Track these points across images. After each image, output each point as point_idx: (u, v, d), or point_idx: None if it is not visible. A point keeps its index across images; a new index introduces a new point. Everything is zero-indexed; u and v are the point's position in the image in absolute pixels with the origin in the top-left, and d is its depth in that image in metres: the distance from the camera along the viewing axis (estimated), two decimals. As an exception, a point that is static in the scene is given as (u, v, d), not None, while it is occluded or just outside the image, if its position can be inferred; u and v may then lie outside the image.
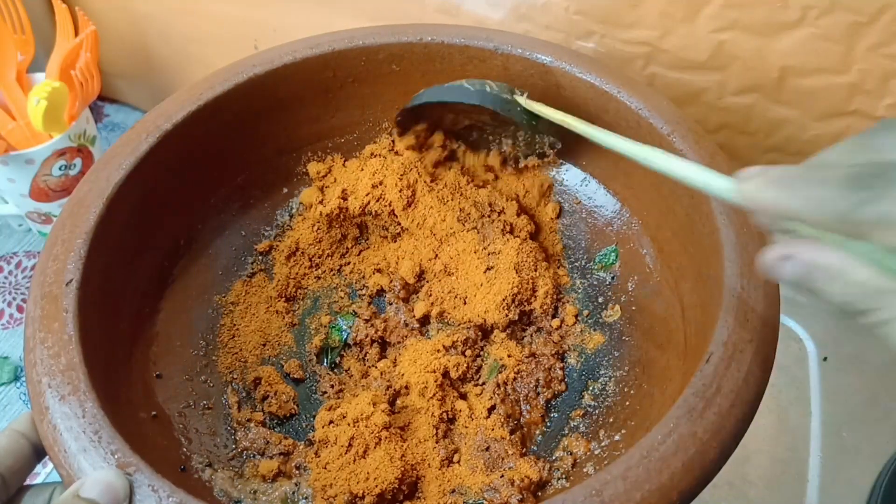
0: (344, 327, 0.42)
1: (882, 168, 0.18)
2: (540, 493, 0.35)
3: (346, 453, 0.35)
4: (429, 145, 0.45)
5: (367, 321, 0.42)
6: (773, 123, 0.44)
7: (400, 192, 0.42)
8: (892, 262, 0.19)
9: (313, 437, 0.37)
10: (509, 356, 0.39)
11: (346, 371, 0.41)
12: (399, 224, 0.43)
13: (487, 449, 0.36)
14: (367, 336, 0.41)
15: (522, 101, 0.39)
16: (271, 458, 0.36)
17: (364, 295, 0.44)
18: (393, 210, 0.43)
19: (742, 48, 0.41)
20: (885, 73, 0.39)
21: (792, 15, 0.39)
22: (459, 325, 0.41)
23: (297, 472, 0.36)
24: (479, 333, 0.41)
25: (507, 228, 0.43)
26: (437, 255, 0.43)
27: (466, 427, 0.38)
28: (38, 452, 0.29)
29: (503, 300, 0.40)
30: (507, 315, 0.40)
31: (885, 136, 0.20)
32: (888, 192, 0.18)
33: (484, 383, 0.39)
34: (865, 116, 0.41)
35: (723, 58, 0.42)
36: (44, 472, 0.46)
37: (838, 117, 0.42)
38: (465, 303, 0.41)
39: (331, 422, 0.36)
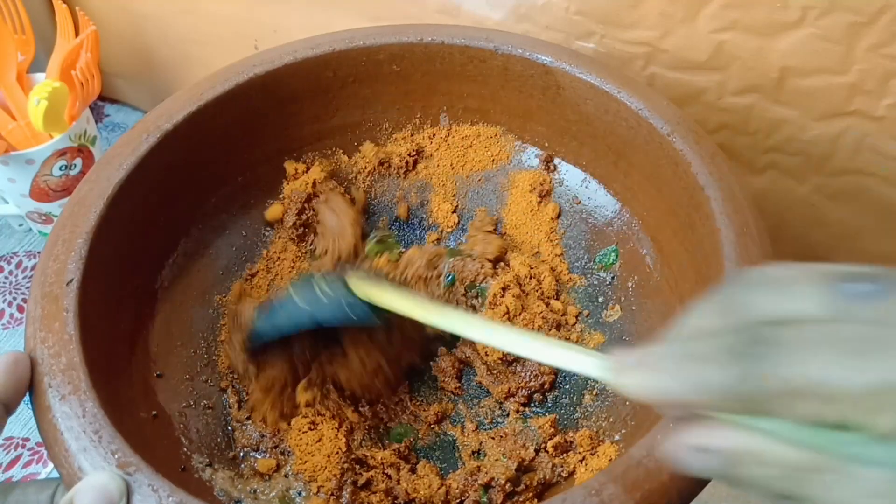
0: None
1: (754, 331, 0.17)
2: (546, 494, 0.35)
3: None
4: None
5: None
6: (773, 123, 0.44)
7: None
8: (803, 434, 0.16)
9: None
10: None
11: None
12: None
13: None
14: None
15: (358, 288, 0.32)
16: (266, 452, 0.36)
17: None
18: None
19: (742, 48, 0.41)
20: (885, 73, 0.39)
21: (792, 15, 0.39)
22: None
23: (282, 457, 0.36)
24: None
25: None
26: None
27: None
28: (8, 410, 0.28)
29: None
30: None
31: (746, 292, 0.18)
32: (772, 360, 0.16)
33: None
34: (865, 116, 0.41)
35: (723, 58, 0.42)
36: (44, 472, 0.46)
37: (838, 117, 0.42)
38: None
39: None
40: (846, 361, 0.15)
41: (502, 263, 0.43)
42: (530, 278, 0.42)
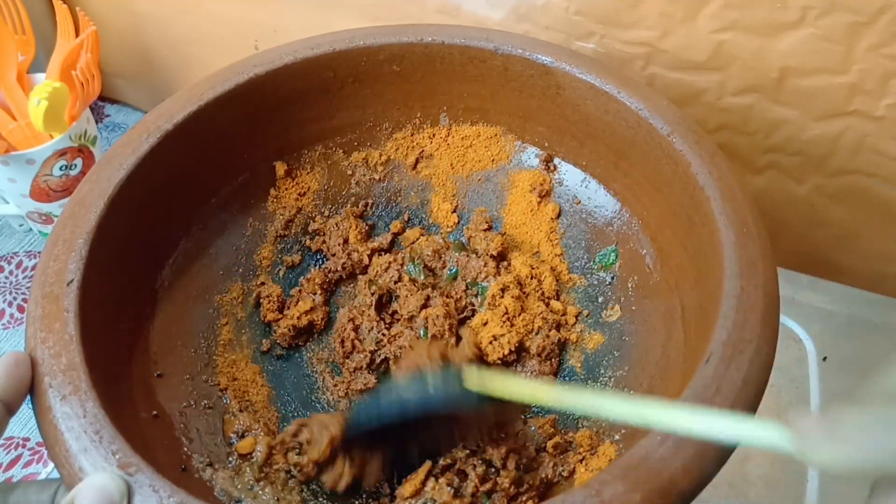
0: None
1: None
2: (548, 493, 0.35)
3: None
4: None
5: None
6: (772, 124, 0.44)
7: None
8: None
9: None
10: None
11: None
12: None
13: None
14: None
15: (472, 382, 0.31)
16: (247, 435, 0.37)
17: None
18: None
19: (742, 48, 0.41)
20: (885, 73, 0.39)
21: (792, 15, 0.39)
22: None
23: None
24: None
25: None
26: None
27: None
28: (10, 411, 0.28)
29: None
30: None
31: None
32: None
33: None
34: (865, 116, 0.41)
35: (723, 58, 0.42)
36: (45, 472, 0.46)
37: (838, 117, 0.42)
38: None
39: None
40: None
41: (505, 262, 0.43)
42: (531, 278, 0.42)
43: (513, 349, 0.39)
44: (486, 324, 0.40)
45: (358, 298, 0.43)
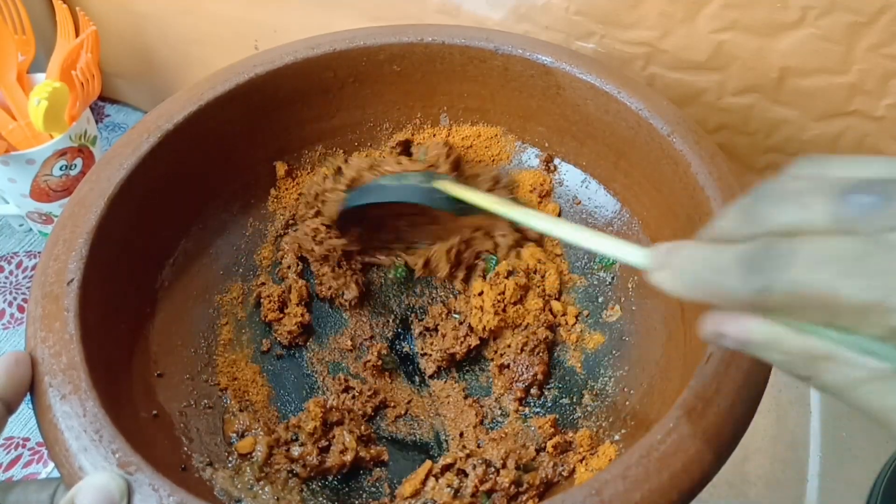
0: None
1: (767, 240, 0.19)
2: (547, 493, 0.35)
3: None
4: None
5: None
6: (772, 124, 0.44)
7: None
8: (814, 328, 0.19)
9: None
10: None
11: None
12: None
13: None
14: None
15: (441, 185, 0.39)
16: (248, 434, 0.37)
17: None
18: None
19: (742, 48, 0.41)
20: (885, 73, 0.39)
21: (792, 15, 0.39)
22: None
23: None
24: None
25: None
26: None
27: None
28: (9, 410, 0.28)
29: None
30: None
31: (763, 202, 0.20)
32: (781, 275, 0.18)
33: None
34: (865, 116, 0.41)
35: (723, 58, 0.42)
36: (45, 472, 0.46)
37: (838, 117, 0.42)
38: None
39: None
40: (848, 280, 0.17)
41: (517, 249, 0.44)
42: (534, 273, 0.42)
43: (485, 335, 0.40)
44: (481, 293, 0.41)
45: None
